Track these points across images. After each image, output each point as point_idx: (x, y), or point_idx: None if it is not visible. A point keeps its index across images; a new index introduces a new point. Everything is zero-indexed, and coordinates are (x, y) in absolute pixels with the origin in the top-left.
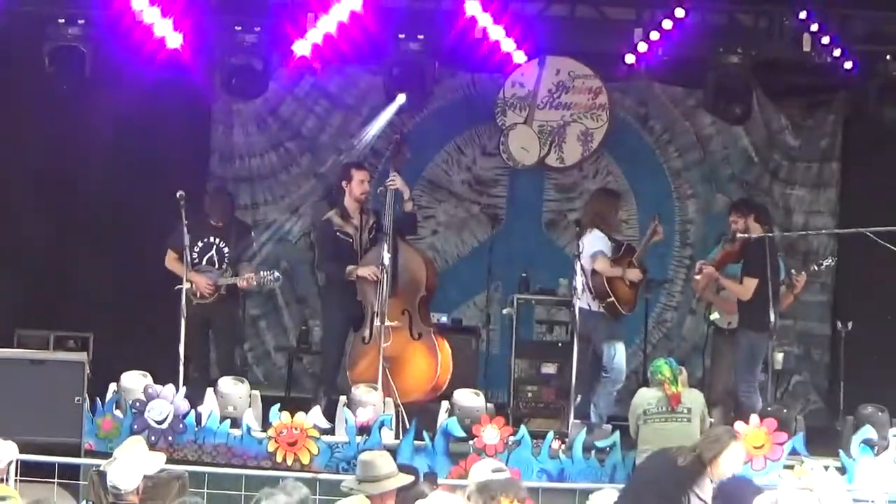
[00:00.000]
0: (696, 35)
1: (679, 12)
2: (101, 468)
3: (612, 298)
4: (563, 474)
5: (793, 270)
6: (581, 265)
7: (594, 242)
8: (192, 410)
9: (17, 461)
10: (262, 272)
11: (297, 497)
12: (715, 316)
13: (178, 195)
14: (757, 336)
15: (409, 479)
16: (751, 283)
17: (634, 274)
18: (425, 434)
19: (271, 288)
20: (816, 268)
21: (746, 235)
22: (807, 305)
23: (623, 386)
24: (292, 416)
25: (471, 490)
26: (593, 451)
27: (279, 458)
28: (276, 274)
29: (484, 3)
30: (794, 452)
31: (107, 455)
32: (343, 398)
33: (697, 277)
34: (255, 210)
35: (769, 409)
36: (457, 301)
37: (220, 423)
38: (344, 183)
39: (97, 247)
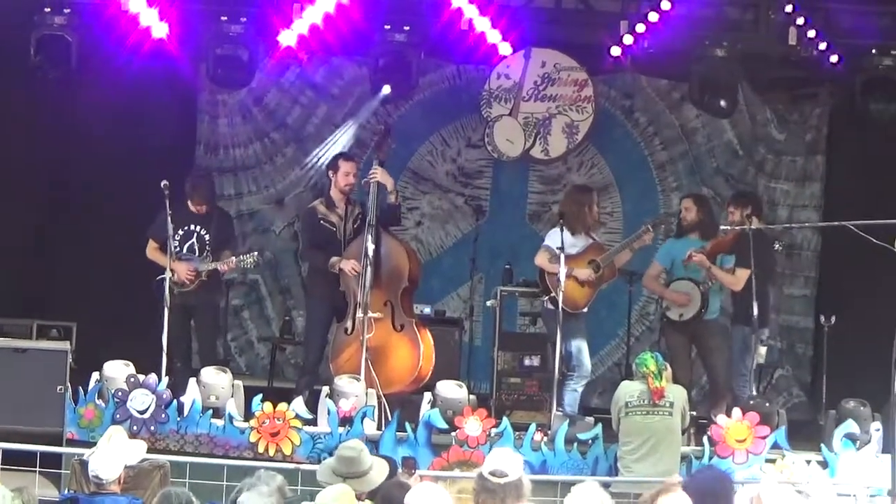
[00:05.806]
0: (682, 28)
1: (665, 4)
2: (83, 457)
3: (553, 293)
4: (545, 466)
5: None
6: None
7: (546, 238)
8: (175, 400)
9: None
10: (241, 255)
11: (274, 485)
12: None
13: (162, 185)
14: (749, 330)
15: (386, 466)
16: (743, 275)
17: (584, 273)
18: (407, 425)
19: (254, 265)
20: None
21: (730, 227)
22: (790, 299)
23: (607, 378)
24: (275, 407)
25: None
26: (575, 444)
27: (261, 449)
28: (256, 254)
29: None
30: (776, 446)
31: (89, 444)
32: (325, 389)
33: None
34: (240, 200)
35: (752, 402)
36: (440, 293)
37: (203, 412)
38: (331, 173)
39: (81, 236)
